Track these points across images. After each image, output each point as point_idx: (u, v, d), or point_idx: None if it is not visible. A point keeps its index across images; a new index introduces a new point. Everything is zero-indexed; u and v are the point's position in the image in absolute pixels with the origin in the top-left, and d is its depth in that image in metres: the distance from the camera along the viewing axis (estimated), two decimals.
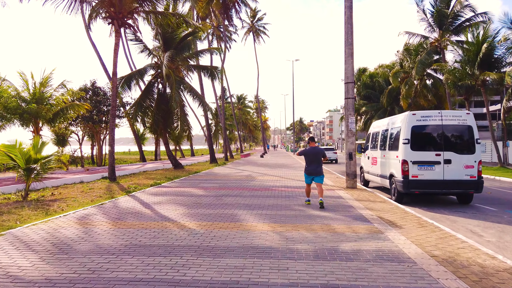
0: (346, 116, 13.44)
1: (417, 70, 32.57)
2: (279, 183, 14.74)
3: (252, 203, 9.87)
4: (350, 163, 13.27)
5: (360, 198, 10.74)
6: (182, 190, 12.48)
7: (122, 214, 8.30)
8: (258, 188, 13.22)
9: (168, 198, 10.65)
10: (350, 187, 13.25)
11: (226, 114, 72.06)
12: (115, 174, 15.54)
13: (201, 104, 22.43)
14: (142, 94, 21.50)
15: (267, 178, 17.15)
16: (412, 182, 10.17)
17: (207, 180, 15.98)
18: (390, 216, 8.12)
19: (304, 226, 7.07)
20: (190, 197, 10.85)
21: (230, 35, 61.45)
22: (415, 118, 10.38)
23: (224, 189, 12.79)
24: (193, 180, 16.20)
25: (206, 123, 29.58)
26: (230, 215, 8.13)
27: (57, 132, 26.46)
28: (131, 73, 20.93)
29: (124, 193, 11.83)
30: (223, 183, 14.93)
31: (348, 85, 13.44)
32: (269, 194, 11.64)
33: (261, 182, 15.34)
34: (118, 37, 15.40)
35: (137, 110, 20.98)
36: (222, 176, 18.01)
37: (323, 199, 9.22)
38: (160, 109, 21.79)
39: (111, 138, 15.58)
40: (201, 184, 14.54)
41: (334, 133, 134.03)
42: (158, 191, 12.38)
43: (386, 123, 12.53)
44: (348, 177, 13.36)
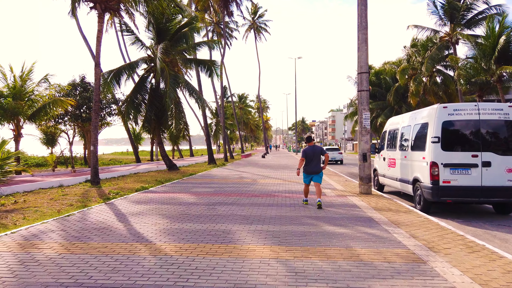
0: (359, 111, 11.72)
1: (427, 66, 30.81)
2: (282, 188, 13.04)
3: (250, 214, 8.17)
4: (364, 165, 11.54)
5: (379, 208, 9.02)
6: (170, 197, 10.79)
7: (87, 230, 6.60)
8: (259, 194, 11.52)
9: (151, 207, 8.96)
10: (364, 193, 11.53)
11: (227, 114, 70.40)
12: (99, 177, 13.86)
13: (198, 100, 20.73)
14: (133, 90, 19.83)
15: (269, 181, 15.44)
16: (444, 189, 8.45)
17: (202, 184, 14.28)
18: (425, 234, 6.40)
19: (318, 251, 5.36)
20: (177, 206, 9.15)
21: (231, 32, 59.88)
22: (446, 112, 8.65)
23: (219, 195, 11.09)
24: (186, 183, 14.51)
25: (204, 121, 27.88)
26: (221, 233, 6.43)
27: (46, 131, 24.83)
28: (120, 66, 19.25)
29: (102, 200, 10.14)
30: (219, 187, 13.24)
31: (362, 75, 11.72)
32: (271, 201, 9.94)
33: (262, 186, 13.64)
34: (102, 23, 13.72)
35: (129, 107, 19.31)
36: (219, 179, 16.31)
37: (321, 199, 9.04)
38: (153, 106, 20.10)
39: (94, 137, 13.91)
40: (194, 188, 12.84)
41: (337, 133, 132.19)
42: (142, 197, 10.68)
43: (407, 119, 10.80)
44: (361, 181, 11.64)
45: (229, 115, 70.05)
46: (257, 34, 66.66)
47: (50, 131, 24.83)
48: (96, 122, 13.86)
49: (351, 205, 9.34)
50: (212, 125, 68.36)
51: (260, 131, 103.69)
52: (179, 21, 20.98)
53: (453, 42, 31.26)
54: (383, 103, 41.77)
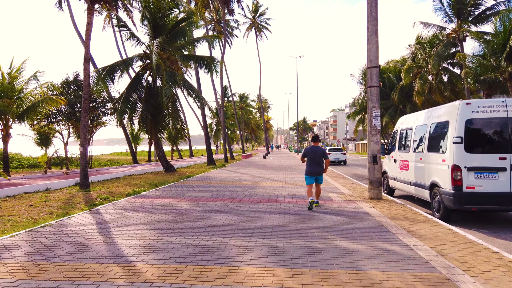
0: (369, 108, 10.77)
1: (434, 63, 29.82)
2: (285, 191, 12.10)
3: (250, 224, 7.24)
4: (374, 168, 10.59)
5: (394, 216, 8.07)
6: (162, 203, 9.86)
7: (59, 246, 5.68)
8: (260, 198, 10.59)
9: (139, 216, 8.03)
10: (374, 198, 10.58)
11: (227, 114, 69.48)
12: (88, 180, 12.95)
13: (196, 98, 19.80)
14: (128, 87, 18.90)
15: (271, 184, 14.51)
16: (468, 196, 7.50)
17: (199, 187, 13.36)
18: (454, 251, 5.46)
19: (331, 275, 4.43)
20: (169, 214, 8.22)
21: (232, 30, 59.03)
22: (469, 109, 7.70)
23: (216, 201, 10.16)
24: (182, 187, 13.58)
25: (203, 120, 26.95)
26: (215, 249, 5.50)
27: (39, 131, 23.93)
28: (114, 63, 18.33)
29: (87, 207, 9.22)
30: (217, 191, 12.31)
31: (372, 70, 10.77)
32: (273, 208, 9.00)
33: (263, 189, 12.70)
34: (91, 15, 12.80)
35: (123, 105, 18.38)
36: (218, 182, 15.38)
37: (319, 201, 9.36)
38: (149, 105, 19.18)
39: (83, 137, 12.99)
40: (190, 193, 11.91)
41: (339, 133, 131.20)
42: (131, 203, 9.75)
43: (422, 117, 9.85)
44: (371, 185, 10.69)
45: (230, 115, 69.14)
46: (258, 33, 65.78)
47: (43, 131, 23.93)
48: (85, 121, 12.94)
49: (362, 213, 8.40)
50: (212, 125, 67.47)
51: (261, 131, 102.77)
52: (176, 16, 20.06)
53: (460, 39, 30.30)
54: (387, 103, 40.76)
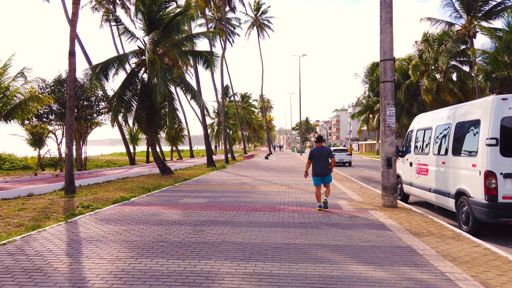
0: (382, 106, 9.65)
1: (443, 60, 28.64)
2: (288, 197, 11.00)
3: (248, 240, 6.14)
4: (389, 172, 9.47)
5: (415, 230, 6.96)
6: (151, 212, 8.78)
7: (8, 274, 4.60)
8: (260, 206, 9.49)
9: (120, 230, 6.95)
10: (388, 206, 9.46)
11: (229, 114, 68.43)
12: (74, 185, 11.88)
13: (193, 97, 18.71)
14: (122, 85, 17.85)
15: (273, 188, 13.40)
16: (504, 207, 6.38)
17: (195, 193, 12.27)
18: (502, 282, 4.34)
19: None
20: (155, 227, 7.14)
21: (233, 29, 58.01)
22: (506, 105, 6.57)
23: (211, 209, 9.07)
24: (177, 192, 12.50)
25: (202, 120, 25.89)
26: (203, 279, 4.41)
27: (31, 131, 22.93)
28: (108, 59, 17.29)
29: (64, 217, 8.15)
30: (214, 197, 11.22)
31: (386, 63, 9.64)
32: (276, 218, 7.91)
33: (264, 195, 11.60)
34: (77, 4, 11.74)
35: (117, 104, 17.33)
36: (216, 185, 14.30)
37: (327, 198, 9.19)
38: (144, 103, 18.13)
39: (68, 138, 11.93)
40: (184, 199, 10.83)
41: (341, 133, 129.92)
42: (116, 213, 8.68)
43: (444, 115, 8.71)
44: (385, 191, 9.56)
45: (232, 115, 68.11)
46: (260, 31, 64.68)
47: (36, 131, 22.92)
48: (70, 121, 11.88)
49: (377, 225, 7.28)
50: (214, 125, 66.41)
51: (264, 131, 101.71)
52: (172, 9, 18.99)
53: (471, 35, 29.12)
54: None
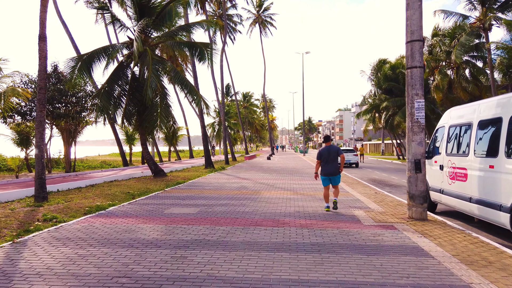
0: (409, 97, 7.94)
1: (457, 54, 26.85)
2: (294, 206, 9.32)
3: (243, 276, 4.48)
4: (417, 177, 7.77)
5: (464, 256, 5.27)
6: (126, 227, 7.12)
7: None
8: (261, 219, 7.82)
9: (76, 255, 5.30)
10: (417, 219, 7.77)
11: (230, 113, 66.82)
12: (46, 191, 10.25)
13: (189, 93, 17.05)
14: (109, 79, 16.21)
15: (275, 194, 11.73)
16: None
17: (185, 200, 10.61)
18: None
19: None
20: (123, 251, 5.49)
21: (235, 26, 56.44)
22: None
23: (201, 223, 7.42)
24: (165, 198, 10.84)
25: (200, 118, 24.21)
26: None
27: (17, 130, 21.36)
28: (93, 50, 15.67)
29: (15, 235, 6.49)
30: (207, 205, 9.55)
31: (414, 45, 7.94)
32: (280, 237, 6.25)
33: (266, 203, 9.93)
34: None
35: (104, 100, 15.70)
36: (211, 190, 12.63)
37: (337, 199, 8.91)
38: (134, 99, 16.51)
39: (39, 136, 10.29)
40: (171, 208, 9.17)
41: (345, 133, 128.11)
42: (82, 228, 7.02)
43: (491, 107, 6.98)
44: (413, 201, 7.87)
45: (233, 114, 66.46)
46: (263, 28, 63.06)
47: (22, 129, 21.36)
48: (41, 117, 10.24)
49: (413, 249, 5.60)
50: (215, 125, 64.70)
51: (266, 131, 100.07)
52: None
53: (486, 28, 27.33)
54: (400, 100, 37.81)
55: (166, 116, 16.76)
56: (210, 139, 62.25)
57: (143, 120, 16.76)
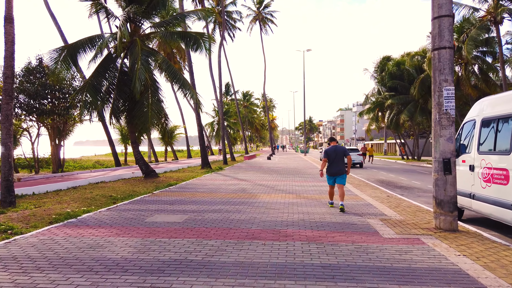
0: (436, 83, 6.64)
1: (468, 49, 25.50)
2: (298, 213, 8.02)
3: None
4: (447, 180, 6.47)
5: None
6: (93, 241, 5.83)
7: None
8: (259, 230, 6.53)
9: (11, 286, 4.00)
10: (446, 229, 6.46)
11: (230, 112, 65.49)
12: (13, 195, 8.96)
13: (182, 87, 15.75)
14: (95, 72, 14.91)
15: (276, 198, 10.43)
16: None
17: (174, 204, 9.31)
18: None
19: None
20: (76, 278, 4.19)
21: (234, 23, 55.18)
22: None
23: (186, 235, 6.12)
24: (150, 203, 9.54)
25: (196, 116, 22.88)
26: None
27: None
28: (77, 41, 14.38)
29: None
30: (197, 212, 8.26)
31: (442, 21, 6.63)
32: (283, 257, 4.94)
33: (265, 208, 8.64)
34: None
35: (90, 95, 14.40)
36: (205, 193, 11.33)
37: (344, 203, 8.51)
38: (123, 94, 15.23)
39: (5, 132, 8.99)
40: (155, 215, 7.87)
41: (346, 133, 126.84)
42: (38, 243, 5.73)
43: None
44: (441, 208, 6.56)
45: (233, 114, 65.10)
46: (263, 26, 61.75)
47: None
48: (7, 110, 8.94)
49: (454, 275, 4.29)
50: (214, 124, 63.34)
51: (266, 130, 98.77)
52: None
53: (497, 21, 26.02)
54: (405, 98, 36.52)
55: (158, 112, 15.45)
56: (210, 139, 60.90)
57: (133, 116, 15.46)
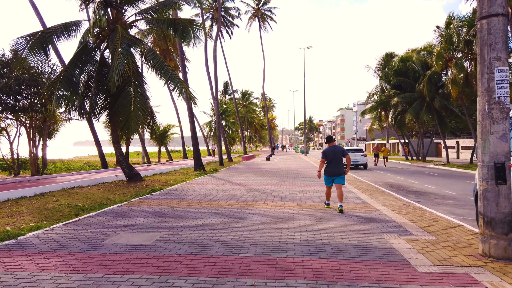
0: (484, 63, 5.00)
1: None
2: (300, 230, 6.38)
3: None
4: (499, 191, 4.83)
5: None
6: (12, 282, 4.18)
7: None
8: (248, 258, 4.88)
9: None
10: (499, 258, 4.82)
11: (229, 111, 63.84)
12: None
13: (169, 79, 14.09)
14: (71, 63, 13.26)
15: (273, 207, 8.78)
16: None
17: (149, 217, 7.65)
18: None
19: None
20: None
21: (232, 19, 53.61)
22: None
23: (149, 268, 4.48)
24: (121, 215, 7.88)
25: (188, 113, 21.21)
26: None
27: None
28: (50, 28, 12.76)
29: None
30: (174, 229, 6.61)
31: None
32: None
33: (259, 223, 6.99)
34: None
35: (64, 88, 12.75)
36: (190, 203, 9.66)
37: (342, 204, 8.30)
38: (102, 87, 13.58)
39: None
40: (119, 235, 6.21)
41: (347, 133, 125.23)
42: None
43: None
44: (490, 228, 4.91)
45: (231, 113, 63.41)
46: (262, 23, 60.21)
47: None
48: None
49: None
50: (211, 124, 61.64)
51: (266, 130, 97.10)
52: None
53: None
54: (411, 95, 34.85)
55: (142, 108, 13.76)
56: (208, 139, 59.22)
57: (114, 113, 13.81)
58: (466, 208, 9.72)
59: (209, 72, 30.23)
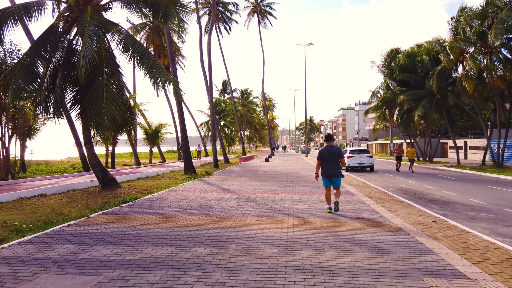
0: None
1: (496, 33, 21.79)
2: (303, 271, 4.40)
3: None
4: None
5: None
6: None
7: None
8: None
9: None
10: None
11: (227, 111, 61.84)
12: None
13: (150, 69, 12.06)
14: (32, 49, 11.25)
15: (268, 228, 6.77)
16: None
17: (98, 245, 5.67)
18: None
19: None
20: None
21: (230, 15, 51.65)
22: None
23: None
24: (61, 243, 5.89)
25: (178, 111, 19.20)
26: None
27: None
28: (4, 8, 10.76)
29: None
30: (125, 266, 4.62)
31: None
32: None
33: (246, 257, 4.99)
34: None
35: (22, 79, 10.77)
36: (163, 220, 7.65)
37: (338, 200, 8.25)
38: (70, 78, 11.58)
39: None
40: (36, 280, 4.23)
41: (348, 133, 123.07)
42: None
43: None
44: None
45: (230, 112, 61.40)
46: (261, 19, 58.12)
47: None
48: None
49: None
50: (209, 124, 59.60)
51: (266, 130, 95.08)
52: None
53: None
54: (419, 92, 32.78)
55: (117, 102, 11.74)
56: (205, 138, 57.22)
57: (83, 108, 11.81)
58: (511, 225, 7.72)
59: (204, 68, 28.28)
